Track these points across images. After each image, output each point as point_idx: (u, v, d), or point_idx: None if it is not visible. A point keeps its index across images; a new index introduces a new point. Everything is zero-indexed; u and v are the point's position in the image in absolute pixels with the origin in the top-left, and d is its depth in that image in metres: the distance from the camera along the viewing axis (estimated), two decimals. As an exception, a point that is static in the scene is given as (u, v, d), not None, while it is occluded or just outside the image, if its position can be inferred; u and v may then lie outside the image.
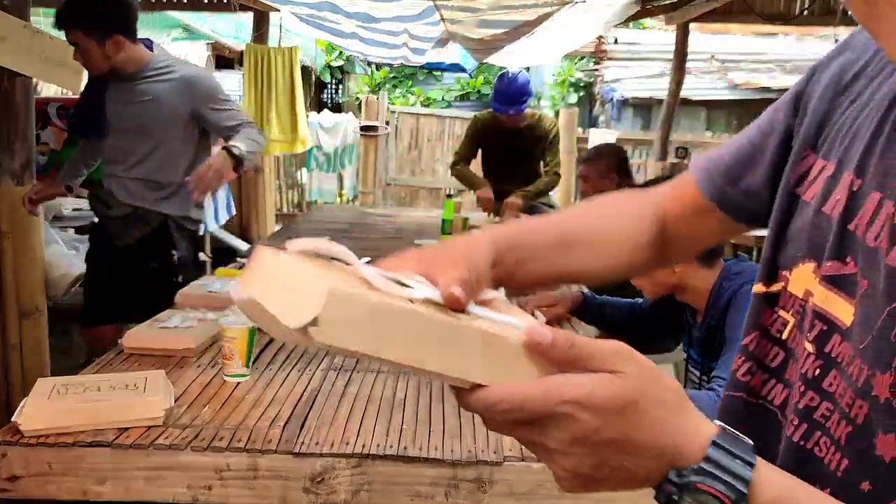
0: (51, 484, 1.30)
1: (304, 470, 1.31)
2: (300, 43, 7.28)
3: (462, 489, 1.30)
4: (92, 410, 1.35)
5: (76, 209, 3.83)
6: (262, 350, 1.83)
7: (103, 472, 1.30)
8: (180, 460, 1.30)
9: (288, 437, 1.36)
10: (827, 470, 0.56)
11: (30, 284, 2.77)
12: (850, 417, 0.55)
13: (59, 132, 4.15)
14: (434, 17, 4.76)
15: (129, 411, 1.36)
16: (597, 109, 10.98)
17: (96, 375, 1.55)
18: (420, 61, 7.48)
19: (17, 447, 1.30)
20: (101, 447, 1.31)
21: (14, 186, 2.68)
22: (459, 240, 0.68)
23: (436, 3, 4.22)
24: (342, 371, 1.73)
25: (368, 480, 1.31)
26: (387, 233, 3.72)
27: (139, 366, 1.70)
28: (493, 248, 0.65)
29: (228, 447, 1.32)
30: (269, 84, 5.88)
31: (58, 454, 1.30)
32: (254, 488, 1.31)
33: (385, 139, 8.17)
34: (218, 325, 1.69)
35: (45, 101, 4.12)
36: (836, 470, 0.56)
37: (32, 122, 2.79)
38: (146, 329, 1.84)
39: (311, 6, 4.74)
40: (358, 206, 6.64)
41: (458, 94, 11.26)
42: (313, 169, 7.82)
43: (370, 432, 1.40)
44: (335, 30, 5.61)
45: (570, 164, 6.78)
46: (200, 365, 1.73)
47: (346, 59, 11.08)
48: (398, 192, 8.48)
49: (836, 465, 0.56)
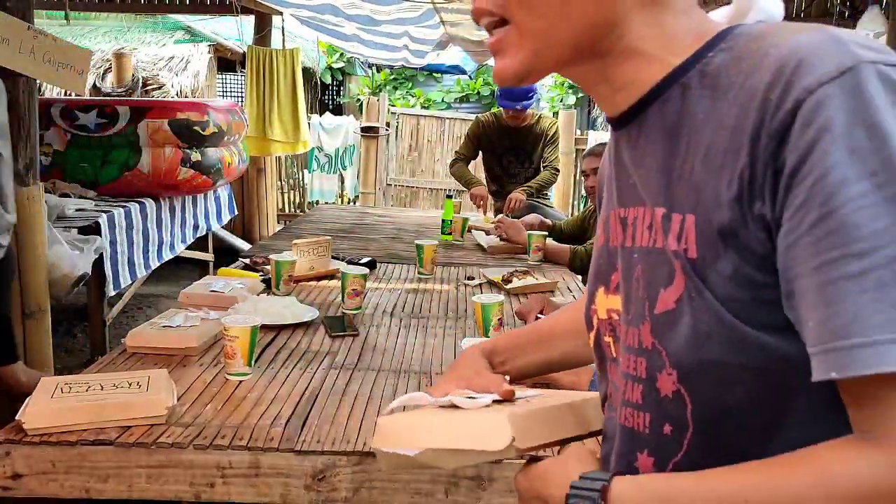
0: (54, 482, 1.31)
1: (305, 468, 1.32)
2: (301, 45, 7.31)
3: (461, 486, 1.31)
4: (95, 409, 1.36)
5: (79, 209, 3.84)
6: (264, 349, 1.84)
7: (106, 470, 1.31)
8: (183, 458, 1.32)
9: (289, 436, 1.37)
10: (641, 435, 0.67)
11: (33, 284, 2.78)
12: (638, 377, 0.66)
13: (62, 133, 4.16)
14: (434, 20, 4.78)
15: (131, 410, 1.38)
16: (595, 111, 10.99)
17: (99, 374, 1.56)
18: (420, 63, 7.50)
19: (20, 445, 1.31)
20: (103, 445, 1.32)
21: (18, 187, 2.69)
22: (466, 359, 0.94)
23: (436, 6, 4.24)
24: (343, 370, 1.74)
25: (369, 478, 1.32)
26: (387, 233, 3.73)
27: (142, 364, 1.72)
28: (484, 357, 0.94)
29: (230, 445, 1.33)
30: (270, 86, 5.90)
31: (61, 452, 1.31)
32: (256, 486, 1.32)
33: (385, 140, 8.18)
34: (220, 324, 1.70)
35: (48, 103, 4.13)
36: (645, 429, 0.66)
37: (36, 123, 2.80)
38: (149, 328, 1.85)
39: (312, 9, 4.77)
40: (359, 207, 6.65)
41: (458, 95, 11.27)
42: (314, 170, 7.84)
43: (371, 430, 1.41)
44: (336, 32, 5.63)
45: (569, 165, 6.78)
46: (203, 364, 1.74)
47: (347, 61, 11.10)
48: (398, 193, 8.49)
49: (643, 425, 0.67)
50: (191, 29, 7.68)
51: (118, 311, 4.30)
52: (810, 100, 0.52)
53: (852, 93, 0.51)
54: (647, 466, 0.66)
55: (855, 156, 0.50)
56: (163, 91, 6.80)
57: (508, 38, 0.64)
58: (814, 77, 0.52)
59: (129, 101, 4.73)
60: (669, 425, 0.64)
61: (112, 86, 6.68)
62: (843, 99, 0.51)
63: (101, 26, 7.97)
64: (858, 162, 0.50)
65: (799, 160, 0.52)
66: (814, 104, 0.52)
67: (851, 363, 0.50)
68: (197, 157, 4.30)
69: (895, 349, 0.48)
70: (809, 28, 0.57)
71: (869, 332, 0.49)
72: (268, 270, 2.49)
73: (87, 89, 6.62)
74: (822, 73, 0.52)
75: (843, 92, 0.51)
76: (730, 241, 0.57)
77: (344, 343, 1.95)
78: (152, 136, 4.16)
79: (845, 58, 0.52)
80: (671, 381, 0.62)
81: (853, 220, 0.50)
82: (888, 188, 0.50)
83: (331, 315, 2.18)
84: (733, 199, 0.56)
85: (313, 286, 2.55)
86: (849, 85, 0.51)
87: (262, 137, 5.92)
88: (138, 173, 4.16)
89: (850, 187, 0.50)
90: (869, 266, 0.49)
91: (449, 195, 4.57)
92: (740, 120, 0.56)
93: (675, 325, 0.61)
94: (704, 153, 0.59)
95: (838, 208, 0.50)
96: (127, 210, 3.98)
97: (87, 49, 3.04)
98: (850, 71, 0.52)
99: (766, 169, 0.54)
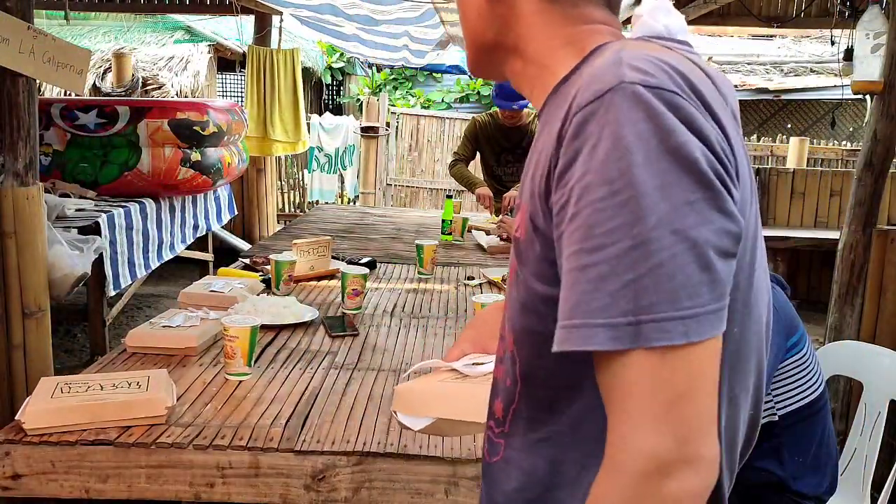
0: (53, 482, 1.31)
1: (305, 468, 1.32)
2: (301, 45, 7.31)
3: (462, 486, 1.31)
4: (94, 409, 1.37)
5: (79, 209, 3.84)
6: (264, 349, 1.84)
7: (106, 470, 1.31)
8: (182, 458, 1.32)
9: (289, 436, 1.37)
10: (499, 384, 0.78)
11: (33, 284, 2.78)
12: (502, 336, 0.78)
13: (62, 133, 4.15)
14: (434, 20, 4.77)
15: (131, 410, 1.38)
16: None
17: (99, 374, 1.56)
18: (420, 63, 7.50)
19: (20, 446, 1.31)
20: (103, 445, 1.32)
21: (18, 187, 2.69)
22: (486, 319, 1.00)
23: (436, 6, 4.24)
24: (343, 370, 1.74)
25: (369, 478, 1.32)
26: (387, 233, 3.73)
27: (142, 364, 1.72)
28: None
29: (230, 445, 1.33)
30: (270, 86, 5.90)
31: (61, 452, 1.31)
32: (255, 486, 1.32)
33: (385, 140, 8.18)
34: (220, 324, 1.70)
35: (48, 102, 4.12)
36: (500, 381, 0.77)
37: (35, 123, 2.79)
38: (149, 328, 1.85)
39: (312, 8, 4.76)
40: (359, 207, 6.65)
41: (458, 95, 11.25)
42: (314, 170, 7.84)
43: (371, 430, 1.41)
44: (336, 32, 5.63)
45: (571, 165, 6.77)
46: (202, 364, 1.74)
47: (347, 60, 11.09)
48: (398, 193, 8.50)
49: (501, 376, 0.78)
50: (191, 29, 7.68)
51: (118, 311, 4.30)
52: (580, 114, 0.61)
53: (607, 109, 0.59)
54: (499, 411, 0.78)
55: (601, 164, 0.58)
56: (163, 91, 6.79)
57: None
58: (588, 94, 0.61)
59: (128, 101, 4.73)
60: (510, 379, 0.75)
61: (112, 86, 6.68)
62: (601, 115, 0.59)
63: (100, 26, 7.97)
64: (602, 170, 0.58)
65: (566, 164, 0.61)
66: (581, 118, 0.61)
67: (567, 339, 0.59)
68: (197, 157, 4.30)
69: (600, 332, 0.57)
70: (622, 48, 0.65)
71: (584, 316, 0.58)
72: (268, 270, 2.49)
73: (87, 89, 6.62)
74: (594, 91, 0.61)
75: (603, 108, 0.59)
76: (537, 227, 0.66)
77: (344, 343, 1.95)
78: (152, 136, 4.15)
79: (613, 79, 0.60)
80: (510, 343, 0.74)
81: (591, 220, 0.58)
82: (622, 194, 0.57)
83: (331, 315, 2.18)
84: (539, 193, 0.66)
85: (313, 286, 2.55)
86: (607, 102, 0.59)
87: (262, 137, 5.92)
88: (138, 173, 4.16)
89: (593, 192, 0.58)
90: (596, 260, 0.57)
91: (449, 195, 4.57)
92: (555, 126, 0.65)
93: (510, 296, 0.74)
94: (539, 151, 0.69)
95: (583, 209, 0.59)
96: (127, 210, 3.98)
97: (87, 49, 3.04)
98: (611, 90, 0.60)
99: (553, 169, 0.63)
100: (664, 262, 0.56)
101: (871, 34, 2.98)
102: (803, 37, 9.26)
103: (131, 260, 4.00)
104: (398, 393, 0.89)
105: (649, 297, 0.56)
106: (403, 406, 0.88)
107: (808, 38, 9.19)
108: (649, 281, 0.56)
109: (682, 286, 0.56)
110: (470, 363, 0.91)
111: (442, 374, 0.92)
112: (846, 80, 3.38)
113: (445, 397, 0.87)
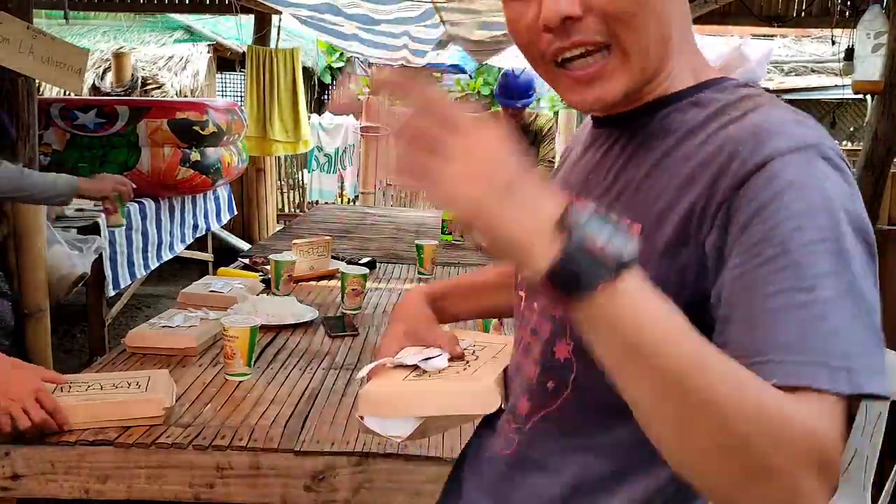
0: (53, 482, 1.31)
1: (305, 468, 1.32)
2: (301, 44, 7.30)
3: (462, 487, 1.31)
4: (94, 409, 1.36)
5: (79, 209, 3.84)
6: (264, 349, 1.84)
7: (105, 470, 1.31)
8: (182, 459, 1.31)
9: (289, 436, 1.37)
10: (528, 382, 0.80)
11: (33, 284, 2.78)
12: (541, 337, 0.78)
13: (61, 133, 4.15)
14: (434, 19, 4.77)
15: (131, 410, 1.37)
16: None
17: (98, 374, 1.56)
18: (420, 62, 7.49)
19: (20, 446, 1.31)
20: (103, 446, 1.32)
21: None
22: (411, 308, 1.00)
23: (435, 5, 4.24)
24: (343, 370, 1.74)
25: (369, 479, 1.32)
26: (387, 233, 3.73)
27: (141, 365, 1.71)
28: (427, 303, 1.00)
29: (230, 446, 1.33)
30: (270, 85, 5.89)
31: (60, 453, 1.31)
32: (255, 486, 1.32)
33: (386, 140, 8.18)
34: (220, 325, 1.70)
35: (47, 102, 4.12)
36: (531, 378, 0.79)
37: (35, 122, 2.80)
38: (148, 328, 1.85)
39: (311, 8, 4.75)
40: (359, 207, 6.65)
41: (458, 95, 11.27)
42: (314, 169, 7.83)
43: (371, 431, 1.41)
44: (336, 31, 5.62)
45: (571, 164, 6.78)
46: (202, 364, 1.74)
47: (347, 60, 11.09)
48: (398, 193, 8.49)
49: (532, 376, 0.79)
50: (190, 28, 7.67)
51: (118, 311, 4.30)
52: (778, 160, 0.62)
53: (810, 163, 0.63)
54: (523, 409, 0.80)
55: (809, 212, 0.61)
56: (162, 91, 6.79)
57: (613, 62, 0.70)
58: (784, 144, 0.63)
59: (128, 101, 4.72)
60: (553, 383, 0.76)
61: (111, 85, 6.67)
62: (804, 167, 0.62)
63: (100, 26, 7.96)
64: (811, 217, 0.61)
65: (760, 206, 0.62)
66: (780, 164, 0.62)
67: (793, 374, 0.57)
68: (196, 157, 4.29)
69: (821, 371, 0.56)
70: (781, 105, 0.69)
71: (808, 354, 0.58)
72: (268, 270, 2.49)
73: (87, 89, 6.61)
74: (791, 143, 0.63)
75: (805, 161, 0.63)
76: (666, 252, 0.67)
77: (344, 343, 1.95)
78: (152, 135, 4.15)
79: (808, 136, 0.64)
80: (567, 350, 0.75)
81: (805, 261, 0.60)
82: (829, 243, 0.60)
83: (331, 315, 2.18)
84: (680, 219, 0.66)
85: (313, 286, 2.55)
86: (808, 157, 0.63)
87: (262, 137, 5.91)
88: (137, 173, 4.15)
89: (804, 234, 0.60)
90: (813, 299, 0.59)
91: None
92: (709, 158, 0.66)
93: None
94: (666, 175, 0.69)
95: (793, 250, 0.60)
96: (126, 210, 3.97)
97: (85, 48, 3.04)
98: (812, 147, 0.63)
99: (720, 205, 0.64)
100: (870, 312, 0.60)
101: (871, 34, 2.98)
102: (804, 36, 9.25)
103: (131, 260, 4.00)
104: (366, 397, 0.84)
105: (857, 345, 0.58)
106: (375, 409, 0.83)
107: (809, 37, 9.18)
108: (858, 328, 0.59)
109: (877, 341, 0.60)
110: (422, 358, 0.88)
111: (400, 371, 0.88)
112: (847, 80, 3.38)
113: (431, 394, 0.83)
